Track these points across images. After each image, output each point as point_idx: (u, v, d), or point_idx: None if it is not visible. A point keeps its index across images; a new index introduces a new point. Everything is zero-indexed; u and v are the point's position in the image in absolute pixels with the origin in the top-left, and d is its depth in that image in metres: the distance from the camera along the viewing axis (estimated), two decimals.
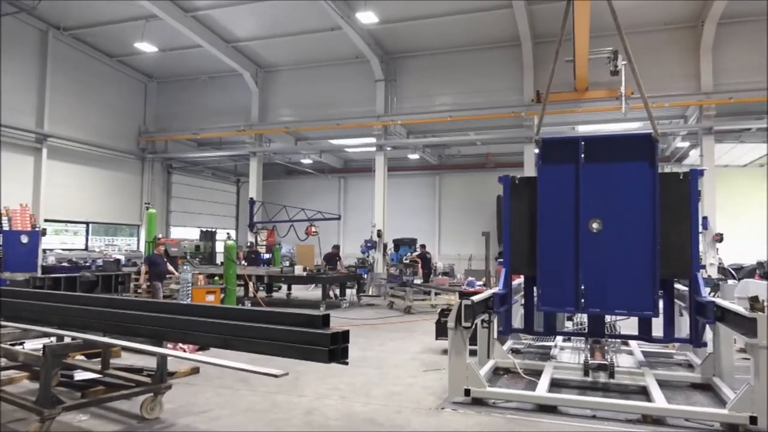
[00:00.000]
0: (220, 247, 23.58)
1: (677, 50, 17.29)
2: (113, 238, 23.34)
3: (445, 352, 8.49)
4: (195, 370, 6.99)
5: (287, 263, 21.99)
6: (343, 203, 28.57)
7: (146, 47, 19.39)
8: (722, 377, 6.27)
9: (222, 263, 14.29)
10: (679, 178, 6.84)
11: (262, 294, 15.96)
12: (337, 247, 18.64)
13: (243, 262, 17.76)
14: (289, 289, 18.10)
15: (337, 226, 27.03)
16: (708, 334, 6.78)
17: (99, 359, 6.17)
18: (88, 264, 17.42)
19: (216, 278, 12.22)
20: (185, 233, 25.55)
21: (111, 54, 21.52)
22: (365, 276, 19.06)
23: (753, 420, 4.84)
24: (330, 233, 25.84)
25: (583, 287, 6.70)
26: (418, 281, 16.55)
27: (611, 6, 7.62)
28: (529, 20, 17.06)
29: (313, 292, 18.55)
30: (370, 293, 18.68)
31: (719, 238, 16.26)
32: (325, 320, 3.96)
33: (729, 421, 4.98)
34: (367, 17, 16.98)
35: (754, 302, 5.09)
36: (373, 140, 20.40)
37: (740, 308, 5.27)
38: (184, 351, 7.62)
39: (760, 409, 4.81)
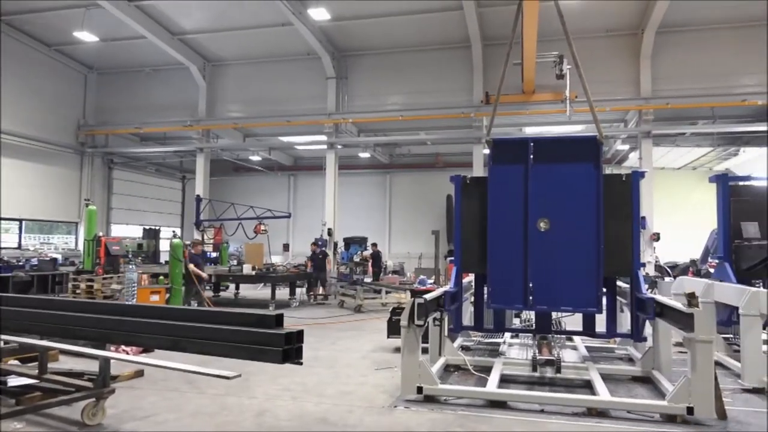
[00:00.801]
0: (164, 246, 22.91)
1: (618, 56, 17.98)
2: (49, 236, 22.22)
3: (396, 350, 8.55)
4: (139, 373, 6.72)
5: (235, 262, 21.59)
6: (293, 201, 28.26)
7: (86, 37, 18.52)
8: (661, 370, 6.56)
9: (167, 262, 13.86)
10: (622, 179, 7.11)
11: (208, 294, 15.55)
12: (324, 243, 18.39)
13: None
14: (237, 288, 17.74)
15: (287, 225, 26.74)
16: (647, 329, 7.08)
17: (35, 363, 5.85)
18: (21, 263, 16.49)
19: (161, 278, 11.83)
20: (127, 231, 24.61)
21: (48, 43, 20.47)
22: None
23: (690, 410, 5.09)
24: (279, 232, 25.52)
25: (531, 285, 6.87)
26: (368, 280, 16.58)
27: (559, 10, 7.83)
28: (479, 22, 17.33)
29: (261, 292, 18.26)
30: (320, 292, 18.54)
31: (656, 237, 17.03)
32: (278, 320, 3.90)
33: (668, 412, 5.21)
34: (319, 14, 16.83)
35: (691, 298, 5.35)
36: (324, 138, 20.27)
37: (678, 304, 5.52)
38: (127, 353, 7.35)
39: (697, 399, 5.06)
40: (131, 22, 17.56)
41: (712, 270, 12.87)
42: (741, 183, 8.53)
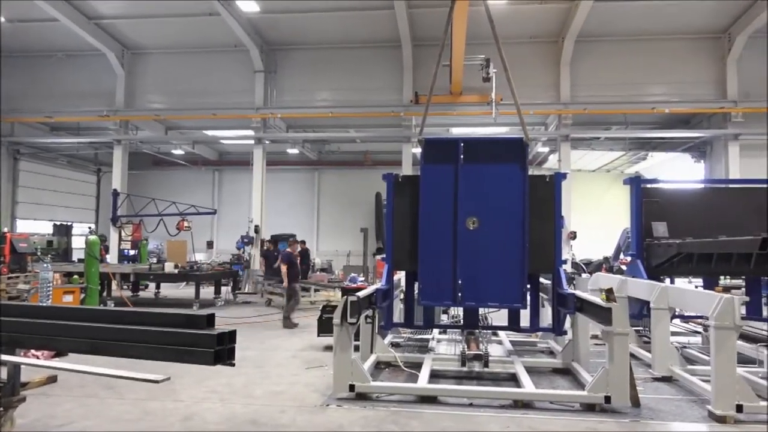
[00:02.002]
0: (77, 243, 21.63)
1: (540, 62, 18.75)
2: None
3: (326, 348, 8.51)
4: (51, 379, 6.31)
5: (155, 260, 20.70)
6: (218, 197, 27.40)
7: None
8: (580, 362, 6.91)
9: (81, 260, 13.06)
10: (546, 180, 7.42)
11: (127, 293, 14.81)
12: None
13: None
14: (158, 287, 16.97)
15: (211, 221, 25.93)
16: (567, 323, 7.44)
17: None
18: None
19: (75, 277, 11.13)
20: (36, 227, 22.96)
21: None
22: (241, 273, 18.48)
23: (607, 399, 5.40)
24: (203, 228, 24.73)
25: (460, 282, 7.04)
26: None
27: (489, 15, 8.04)
28: (409, 23, 17.52)
29: (184, 291, 17.61)
30: (246, 290, 18.14)
31: (573, 235, 17.94)
32: (209, 320, 3.77)
33: (587, 401, 5.50)
34: (247, 5, 16.41)
35: (609, 294, 5.67)
36: (251, 133, 19.81)
37: (598, 299, 5.83)
38: (38, 358, 6.86)
39: (614, 389, 5.37)
40: (42, 2, 16.38)
41: (623, 267, 13.74)
42: (650, 185, 9.11)
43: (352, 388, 5.83)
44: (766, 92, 17.39)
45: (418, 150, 20.05)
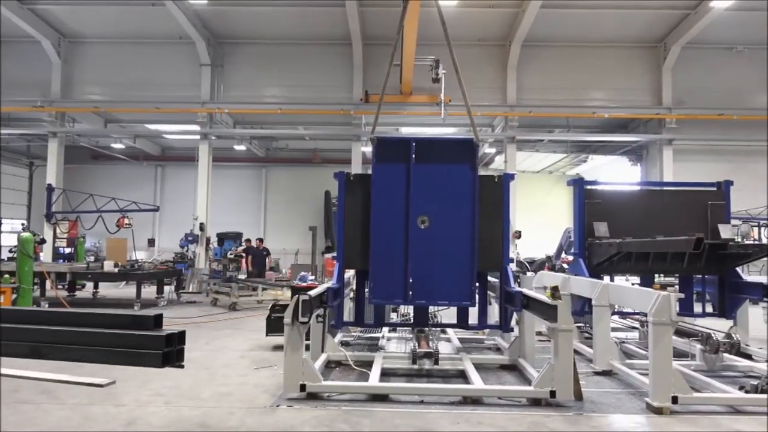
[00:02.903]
0: (6, 241, 20.49)
1: (488, 65, 19.14)
2: None
3: (276, 348, 8.40)
4: None
5: (92, 258, 19.84)
6: (161, 193, 26.50)
7: None
8: (526, 358, 7.10)
9: (11, 258, 12.37)
10: (495, 180, 7.57)
11: (62, 293, 14.13)
12: (260, 240, 17.67)
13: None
14: (96, 287, 16.27)
15: (153, 219, 25.10)
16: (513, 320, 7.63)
17: None
18: None
19: (6, 276, 10.52)
20: None
21: None
22: (185, 272, 17.98)
23: (552, 394, 5.57)
24: (145, 226, 23.93)
25: (411, 280, 7.09)
26: (242, 276, 16.06)
27: (441, 17, 8.13)
28: (360, 21, 17.51)
29: (123, 290, 16.98)
30: (190, 290, 17.68)
31: (518, 235, 18.41)
32: (157, 321, 3.65)
33: (534, 396, 5.66)
34: None
35: (555, 291, 5.85)
36: (196, 128, 19.29)
37: (544, 297, 6.01)
38: None
39: (559, 384, 5.55)
40: None
41: (565, 265, 14.20)
42: (592, 187, 9.45)
43: (303, 388, 5.77)
44: (699, 100, 18.47)
45: (368, 149, 20.16)
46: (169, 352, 3.52)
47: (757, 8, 16.57)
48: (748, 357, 7.52)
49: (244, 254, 17.88)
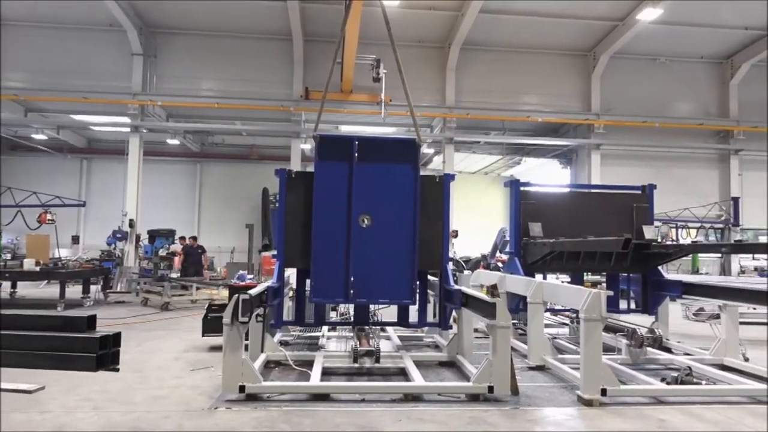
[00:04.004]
0: None
1: (428, 66, 19.42)
2: None
3: (212, 349, 8.18)
4: None
5: (9, 256, 18.60)
6: (86, 188, 25.16)
7: None
8: (464, 355, 7.26)
9: None
10: (435, 180, 7.69)
11: None
12: (194, 239, 17.17)
13: None
14: (14, 287, 15.24)
15: (78, 214, 23.82)
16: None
17: None
18: None
19: None
20: None
21: None
22: (113, 270, 17.18)
23: (491, 389, 5.72)
24: (69, 222, 22.69)
25: (352, 279, 7.08)
26: (174, 275, 15.53)
27: (385, 16, 8.16)
28: (301, 17, 17.32)
29: (44, 290, 16.03)
30: (119, 290, 16.91)
31: (455, 234, 18.75)
32: (90, 322, 3.47)
33: (472, 392, 5.79)
34: None
35: (493, 289, 6.02)
36: (126, 120, 18.48)
37: (483, 295, 6.16)
38: None
39: (497, 379, 5.71)
40: None
41: (500, 264, 14.63)
42: (527, 188, 9.78)
43: (242, 389, 5.65)
44: (625, 107, 19.46)
45: (307, 146, 19.99)
46: (104, 354, 3.35)
47: (679, 22, 17.69)
48: (669, 350, 8.00)
49: (178, 253, 17.32)
